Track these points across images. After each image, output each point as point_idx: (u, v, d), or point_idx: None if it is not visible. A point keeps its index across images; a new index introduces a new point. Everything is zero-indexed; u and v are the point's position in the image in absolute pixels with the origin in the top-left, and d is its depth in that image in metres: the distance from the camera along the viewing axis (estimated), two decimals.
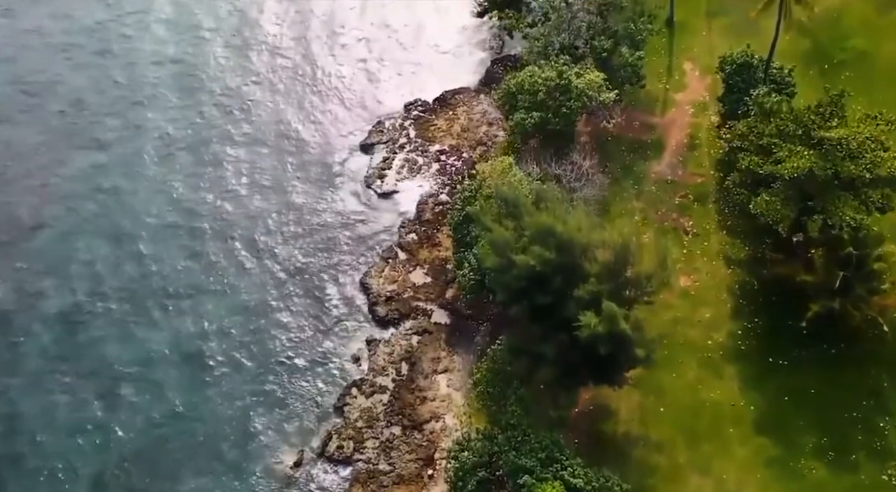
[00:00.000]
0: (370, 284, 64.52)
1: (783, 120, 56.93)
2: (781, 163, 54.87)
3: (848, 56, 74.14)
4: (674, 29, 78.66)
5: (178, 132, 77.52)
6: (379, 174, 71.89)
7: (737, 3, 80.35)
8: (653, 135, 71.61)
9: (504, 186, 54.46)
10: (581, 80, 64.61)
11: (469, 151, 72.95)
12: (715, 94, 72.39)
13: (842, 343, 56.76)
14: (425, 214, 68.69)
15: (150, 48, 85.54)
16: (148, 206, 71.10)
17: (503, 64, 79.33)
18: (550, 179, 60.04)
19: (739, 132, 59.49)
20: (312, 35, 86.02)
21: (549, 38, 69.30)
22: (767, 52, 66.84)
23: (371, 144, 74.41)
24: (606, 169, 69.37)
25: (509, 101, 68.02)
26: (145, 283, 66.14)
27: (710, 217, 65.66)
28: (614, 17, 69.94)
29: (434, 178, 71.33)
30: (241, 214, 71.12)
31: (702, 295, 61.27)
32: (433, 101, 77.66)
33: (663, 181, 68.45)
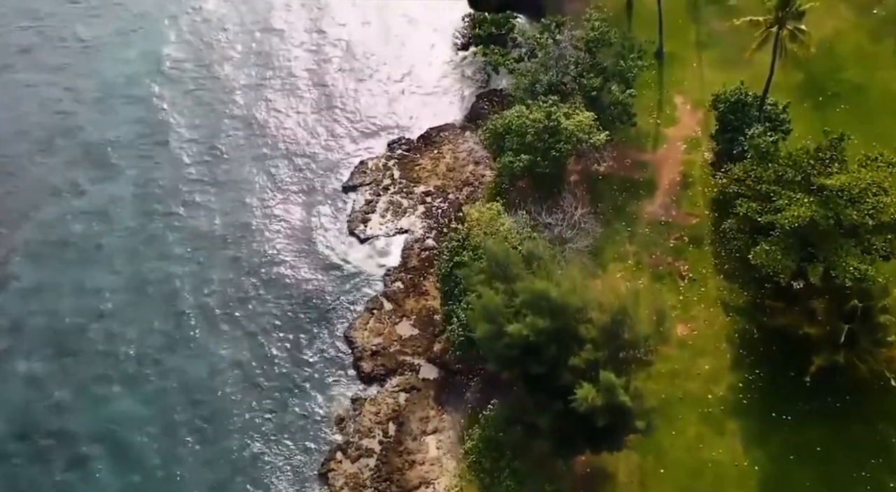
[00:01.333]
0: (354, 337, 61.78)
1: (781, 166, 54.84)
2: (781, 211, 52.76)
3: (842, 88, 72.35)
4: (663, 61, 76.50)
5: (148, 177, 74.34)
6: (362, 218, 69.20)
7: (727, 34, 78.50)
8: (645, 173, 69.37)
9: (492, 240, 52.00)
10: (570, 122, 62.32)
11: (455, 191, 70.44)
12: (707, 129, 70.36)
13: (847, 396, 54.59)
14: (411, 261, 66.08)
15: (122, 93, 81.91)
16: (118, 258, 68.01)
17: (489, 99, 76.87)
18: (541, 228, 57.57)
19: (736, 176, 57.33)
20: (289, 73, 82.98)
21: (537, 75, 67.00)
22: (762, 89, 64.76)
23: (354, 185, 71.66)
24: (598, 210, 67.06)
25: (496, 142, 65.70)
26: (113, 342, 62.91)
27: (706, 260, 63.40)
28: (603, 53, 67.74)
29: (420, 221, 68.75)
30: (216, 265, 67.95)
31: (700, 345, 58.92)
32: (417, 139, 75.13)
33: (657, 222, 66.13)
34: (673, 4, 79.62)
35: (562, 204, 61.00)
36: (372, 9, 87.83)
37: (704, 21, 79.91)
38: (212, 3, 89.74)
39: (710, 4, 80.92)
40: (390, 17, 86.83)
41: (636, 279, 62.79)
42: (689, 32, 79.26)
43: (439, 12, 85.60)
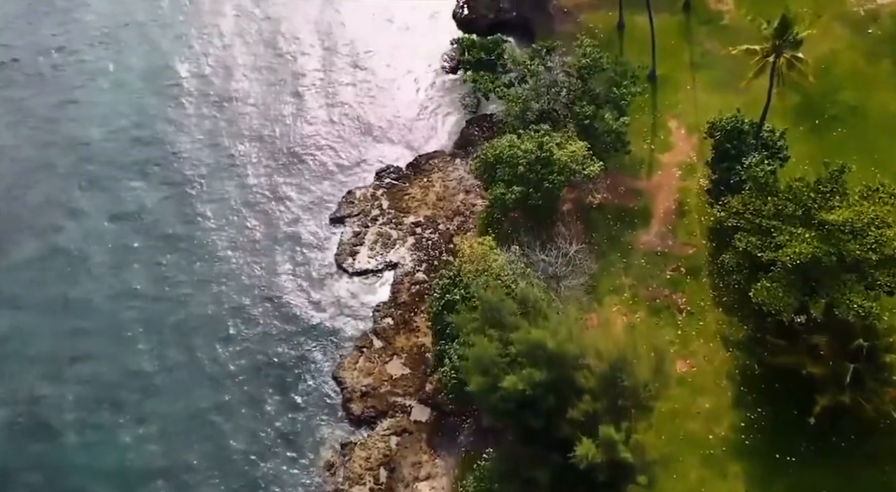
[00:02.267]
0: (343, 377, 59.76)
1: (781, 199, 53.24)
2: (782, 248, 51.15)
3: (839, 110, 70.84)
4: (656, 84, 74.86)
5: (131, 212, 72.01)
6: (350, 251, 67.21)
7: (721, 54, 76.87)
8: (639, 201, 67.64)
9: (484, 278, 50.19)
10: (563, 152, 60.59)
11: (446, 222, 68.55)
12: (703, 155, 68.72)
13: (853, 436, 52.98)
14: (401, 296, 64.14)
15: (98, 132, 79.00)
16: (99, 296, 65.72)
17: (479, 125, 75.10)
18: (535, 265, 55.76)
19: (734, 209, 55.68)
20: (275, 99, 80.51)
21: (528, 103, 65.26)
22: (758, 114, 63.15)
23: (341, 217, 69.59)
24: (592, 240, 65.34)
25: (487, 172, 63.90)
26: (91, 385, 60.71)
27: (704, 293, 61.69)
28: (595, 79, 66.04)
29: (410, 253, 66.80)
30: (197, 302, 65.58)
31: (700, 382, 57.19)
32: (406, 167, 73.16)
33: (653, 253, 64.41)
34: (665, 25, 78.18)
35: (556, 239, 59.13)
36: (358, 33, 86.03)
37: (697, 42, 78.43)
38: (193, 29, 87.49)
39: (702, 24, 79.46)
40: (376, 41, 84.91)
41: (633, 313, 61.14)
42: (683, 53, 77.68)
43: (427, 35, 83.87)
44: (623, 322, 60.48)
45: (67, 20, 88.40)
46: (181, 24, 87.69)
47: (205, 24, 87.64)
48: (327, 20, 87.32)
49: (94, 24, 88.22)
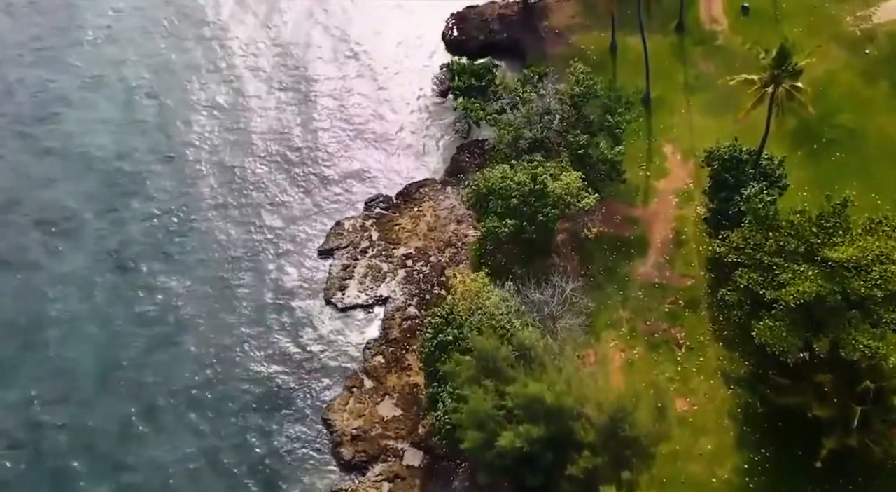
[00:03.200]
0: (333, 420, 57.68)
1: (783, 235, 51.63)
2: (784, 286, 49.53)
3: (837, 134, 69.44)
4: (650, 107, 73.38)
5: (110, 247, 69.37)
6: (339, 285, 65.19)
7: (716, 76, 75.41)
8: (635, 230, 66.00)
9: (479, 327, 48.35)
10: (557, 184, 58.90)
11: (437, 253, 66.65)
12: (699, 181, 67.18)
13: (860, 478, 51.41)
14: (392, 332, 62.16)
15: (76, 166, 75.89)
16: (76, 335, 63.32)
17: (471, 151, 73.24)
18: (530, 305, 53.95)
19: (735, 244, 54.05)
20: (260, 128, 77.87)
21: (520, 131, 63.56)
22: (754, 140, 61.59)
23: (330, 249, 67.41)
24: (588, 272, 63.69)
25: (480, 202, 62.14)
26: (74, 433, 58.35)
27: (703, 327, 60.02)
28: (589, 105, 64.34)
29: (400, 287, 64.80)
30: (180, 341, 63.10)
31: (701, 422, 55.46)
32: (396, 195, 71.17)
33: (650, 285, 62.76)
34: (659, 46, 76.70)
35: (551, 274, 57.41)
36: (346, 55, 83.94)
37: (692, 63, 76.96)
38: (174, 55, 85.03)
39: (696, 45, 78.04)
40: (365, 64, 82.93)
41: (631, 348, 59.44)
42: (677, 75, 76.22)
43: (415, 59, 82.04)
44: (621, 358, 58.87)
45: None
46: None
47: (182, 48, 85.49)
48: (314, 43, 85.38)
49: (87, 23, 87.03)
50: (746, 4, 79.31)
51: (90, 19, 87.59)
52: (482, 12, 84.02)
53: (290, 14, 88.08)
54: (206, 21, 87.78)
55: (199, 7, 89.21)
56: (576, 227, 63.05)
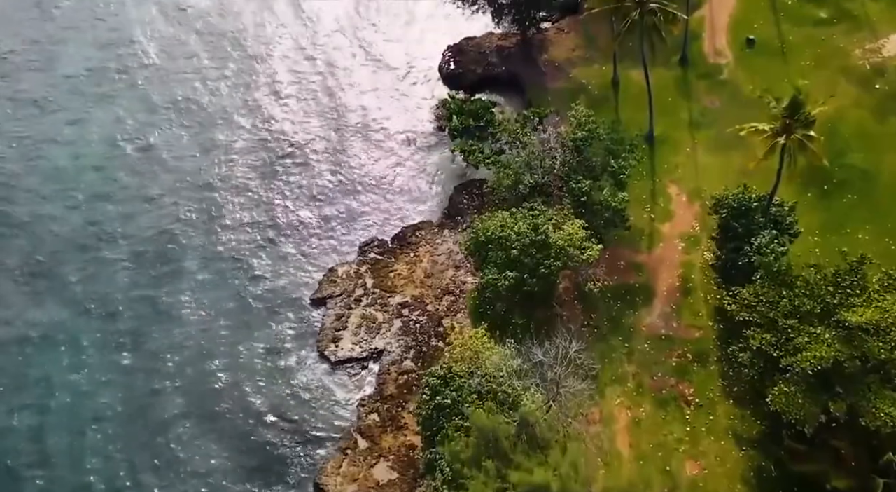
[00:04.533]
0: (326, 485, 54.84)
1: (798, 296, 49.13)
2: (800, 351, 47.03)
3: (848, 174, 66.94)
4: (654, 145, 70.97)
5: (92, 290, 66.95)
6: (333, 337, 62.55)
7: (720, 112, 73.34)
8: (640, 277, 63.49)
9: (479, 393, 45.82)
10: (560, 235, 56.42)
11: (435, 302, 64.07)
12: (705, 225, 64.81)
13: None
14: (388, 388, 59.54)
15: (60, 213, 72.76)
16: (61, 394, 60.74)
17: (468, 191, 70.72)
18: (532, 368, 51.40)
19: (747, 302, 51.58)
20: (251, 165, 75.16)
21: (520, 175, 61.14)
22: (761, 180, 59.05)
23: (323, 298, 64.76)
24: (592, 321, 61.16)
25: (478, 251, 59.65)
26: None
27: (713, 382, 57.44)
28: (592, 148, 61.92)
29: (396, 339, 62.18)
30: (163, 399, 60.26)
31: (712, 487, 52.73)
32: (392, 239, 68.54)
33: (657, 337, 60.20)
34: (662, 80, 74.39)
35: (554, 331, 54.88)
36: (340, 90, 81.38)
37: (696, 98, 74.61)
38: (157, 94, 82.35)
39: (701, 79, 75.70)
40: (358, 98, 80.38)
41: (637, 406, 56.82)
42: (681, 111, 73.82)
43: (411, 93, 79.67)
44: (627, 417, 56.26)
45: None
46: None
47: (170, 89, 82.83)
48: (306, 78, 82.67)
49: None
50: (752, 37, 77.05)
51: (68, 63, 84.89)
52: (479, 44, 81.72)
53: (279, 47, 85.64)
54: (194, 54, 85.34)
55: (189, 40, 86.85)
56: (579, 277, 60.36)
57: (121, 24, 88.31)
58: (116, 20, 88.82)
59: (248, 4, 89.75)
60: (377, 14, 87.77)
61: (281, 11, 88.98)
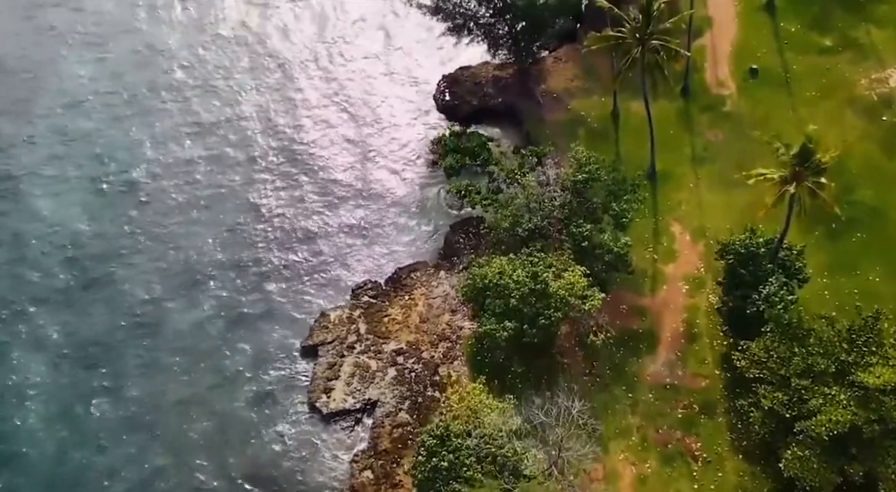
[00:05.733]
0: None
1: (812, 354, 46.90)
2: (815, 414, 44.82)
3: (857, 212, 64.57)
4: (656, 182, 68.74)
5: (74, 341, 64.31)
6: (324, 387, 60.08)
7: (723, 146, 71.20)
8: (643, 322, 61.17)
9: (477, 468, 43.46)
10: (560, 284, 54.14)
11: (430, 349, 61.68)
12: (710, 266, 62.51)
13: None
14: (382, 442, 57.08)
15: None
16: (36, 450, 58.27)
17: (465, 230, 68.30)
18: (533, 430, 49.09)
19: (756, 358, 49.35)
20: (236, 205, 72.21)
21: (519, 219, 58.88)
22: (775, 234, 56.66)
23: (314, 345, 62.26)
24: (594, 370, 58.87)
25: (476, 298, 57.38)
26: None
27: (721, 435, 55.07)
28: (592, 188, 59.70)
29: (391, 389, 59.67)
30: (151, 454, 57.73)
31: None
32: (386, 281, 66.08)
33: (661, 386, 57.88)
34: (663, 112, 72.00)
35: (555, 388, 52.55)
36: (332, 122, 78.95)
37: (698, 132, 72.35)
38: (142, 133, 79.81)
39: (703, 112, 73.43)
40: (350, 132, 77.85)
41: (642, 462, 54.46)
42: (683, 145, 71.59)
43: (405, 130, 77.15)
44: (632, 473, 53.94)
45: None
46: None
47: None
48: (297, 109, 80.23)
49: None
50: (754, 66, 74.88)
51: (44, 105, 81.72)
52: (475, 74, 79.44)
53: (271, 78, 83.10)
54: (165, 102, 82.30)
55: (176, 78, 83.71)
56: (580, 328, 57.92)
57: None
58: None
59: (236, 35, 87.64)
60: (368, 42, 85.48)
61: (264, 44, 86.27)
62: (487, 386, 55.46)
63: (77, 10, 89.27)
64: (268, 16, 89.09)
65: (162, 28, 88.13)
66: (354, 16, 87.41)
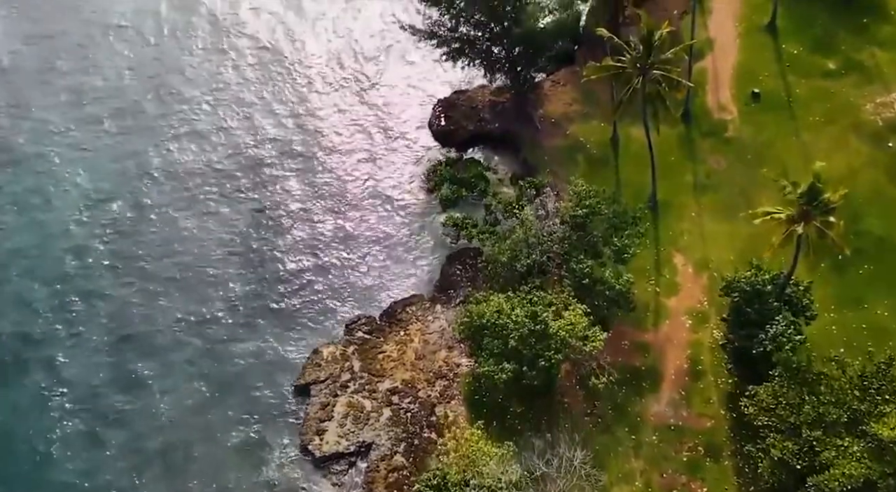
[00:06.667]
0: None
1: (822, 403, 45.14)
2: (827, 467, 43.06)
3: (864, 243, 62.81)
4: (657, 211, 67.03)
5: (52, 387, 61.96)
6: (317, 429, 58.09)
7: (726, 173, 69.48)
8: (646, 359, 59.40)
9: None
10: (561, 324, 52.36)
11: (427, 387, 59.71)
12: (714, 299, 60.77)
13: None
14: (377, 487, 54.93)
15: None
16: None
17: (461, 261, 66.38)
18: (534, 482, 47.27)
19: (765, 404, 47.57)
20: (224, 238, 70.02)
21: (517, 255, 57.13)
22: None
23: (306, 384, 60.27)
24: (595, 410, 57.08)
25: (473, 336, 55.62)
26: None
27: (727, 480, 53.21)
28: (593, 222, 57.97)
29: (386, 430, 57.68)
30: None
31: None
32: (380, 316, 64.10)
33: (665, 427, 56.09)
34: (664, 138, 69.29)
35: (557, 434, 50.79)
36: (321, 149, 76.94)
37: (700, 158, 70.59)
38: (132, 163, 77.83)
39: (705, 138, 71.73)
40: (342, 158, 75.77)
41: None
42: (685, 172, 69.84)
43: (399, 156, 75.11)
44: None
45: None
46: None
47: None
48: (284, 137, 78.22)
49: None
50: (757, 90, 73.25)
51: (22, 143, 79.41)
52: (471, 98, 77.72)
53: (258, 104, 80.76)
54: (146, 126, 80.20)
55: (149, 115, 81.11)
56: (582, 370, 56.02)
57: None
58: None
59: (227, 59, 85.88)
60: (360, 67, 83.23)
61: (258, 67, 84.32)
62: (486, 427, 53.92)
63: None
64: (249, 38, 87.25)
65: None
66: (348, 41, 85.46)
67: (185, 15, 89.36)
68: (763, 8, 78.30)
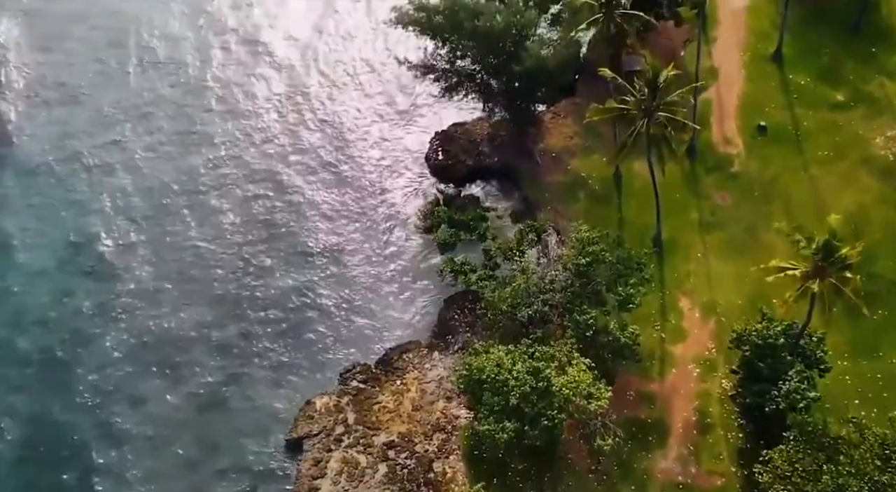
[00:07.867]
0: None
1: (841, 474, 42.86)
2: None
3: (877, 286, 60.43)
4: (662, 251, 64.76)
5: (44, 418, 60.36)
6: (309, 487, 55.56)
7: (732, 210, 67.29)
8: (652, 411, 57.08)
9: None
10: (563, 380, 50.03)
11: (424, 441, 57.36)
12: (722, 345, 58.46)
13: None
14: None
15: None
16: None
17: (460, 305, 64.03)
18: None
19: (780, 471, 45.28)
20: (214, 281, 67.74)
21: (516, 305, 54.85)
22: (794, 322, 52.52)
23: (299, 438, 57.83)
24: (600, 466, 54.78)
25: (472, 390, 53.28)
26: None
27: None
28: (596, 270, 55.67)
29: (382, 488, 55.26)
30: None
31: None
32: (376, 364, 61.76)
33: (674, 486, 53.80)
34: (668, 174, 65.69)
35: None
36: (320, 185, 74.71)
37: (705, 194, 68.34)
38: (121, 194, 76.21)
39: (710, 173, 69.44)
40: (338, 195, 73.54)
41: None
42: (690, 210, 67.50)
43: (395, 193, 72.98)
44: None
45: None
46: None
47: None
48: (274, 173, 75.85)
49: None
50: (763, 123, 71.02)
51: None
52: (470, 131, 75.42)
53: (244, 140, 78.37)
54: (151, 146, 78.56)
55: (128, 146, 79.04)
56: (587, 429, 53.42)
57: None
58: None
59: (220, 86, 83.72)
60: (356, 101, 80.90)
61: (247, 97, 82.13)
62: (486, 485, 51.52)
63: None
64: (249, 69, 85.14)
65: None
66: (344, 73, 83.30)
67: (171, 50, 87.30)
68: (769, 36, 76.19)
